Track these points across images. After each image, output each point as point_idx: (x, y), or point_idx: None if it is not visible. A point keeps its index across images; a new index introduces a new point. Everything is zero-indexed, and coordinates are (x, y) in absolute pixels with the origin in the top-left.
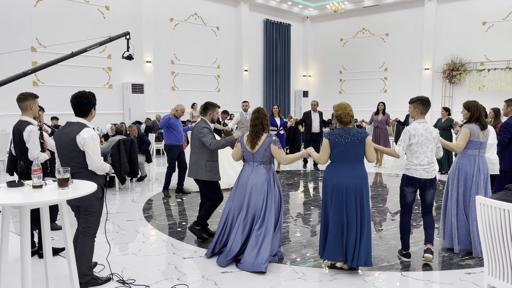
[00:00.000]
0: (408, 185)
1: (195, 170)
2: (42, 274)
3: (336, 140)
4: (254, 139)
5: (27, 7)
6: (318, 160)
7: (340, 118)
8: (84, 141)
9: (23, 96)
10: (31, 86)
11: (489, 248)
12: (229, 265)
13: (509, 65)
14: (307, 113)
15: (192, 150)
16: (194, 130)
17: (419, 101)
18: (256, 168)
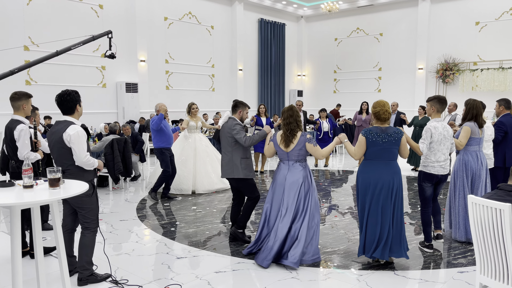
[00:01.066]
0: (426, 180)
1: (230, 170)
2: (34, 275)
3: (373, 139)
4: (289, 137)
5: (19, 5)
6: (352, 155)
7: (378, 115)
8: (70, 137)
9: (17, 95)
10: (24, 85)
11: (481, 247)
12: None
13: (502, 65)
14: None
15: (224, 149)
16: (224, 129)
17: (436, 99)
18: (292, 167)
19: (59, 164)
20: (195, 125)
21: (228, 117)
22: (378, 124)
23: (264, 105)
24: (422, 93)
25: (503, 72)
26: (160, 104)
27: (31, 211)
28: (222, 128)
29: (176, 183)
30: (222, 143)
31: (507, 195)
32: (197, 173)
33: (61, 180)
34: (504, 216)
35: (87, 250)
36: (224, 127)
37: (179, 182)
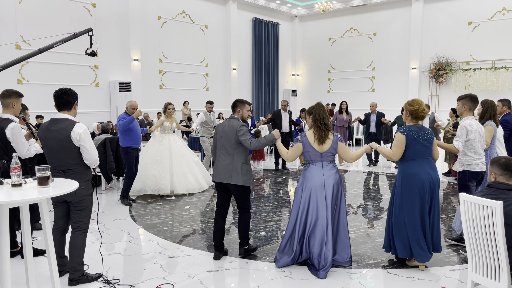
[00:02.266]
0: (472, 179)
1: (227, 174)
2: (24, 275)
3: (415, 137)
4: (324, 139)
5: (11, 3)
6: (391, 156)
7: (416, 113)
8: (80, 136)
9: (7, 93)
10: (15, 84)
11: (472, 245)
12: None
13: (494, 64)
14: (277, 112)
15: (223, 151)
16: (225, 128)
17: (468, 97)
18: (326, 168)
19: (61, 164)
20: (169, 126)
21: (230, 116)
22: (413, 122)
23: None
24: (415, 92)
25: (495, 72)
26: (131, 103)
27: (20, 210)
28: (222, 127)
29: (153, 183)
30: (220, 144)
31: (501, 194)
32: (174, 173)
33: (50, 178)
34: (495, 214)
35: (78, 251)
36: (225, 127)
37: (156, 182)
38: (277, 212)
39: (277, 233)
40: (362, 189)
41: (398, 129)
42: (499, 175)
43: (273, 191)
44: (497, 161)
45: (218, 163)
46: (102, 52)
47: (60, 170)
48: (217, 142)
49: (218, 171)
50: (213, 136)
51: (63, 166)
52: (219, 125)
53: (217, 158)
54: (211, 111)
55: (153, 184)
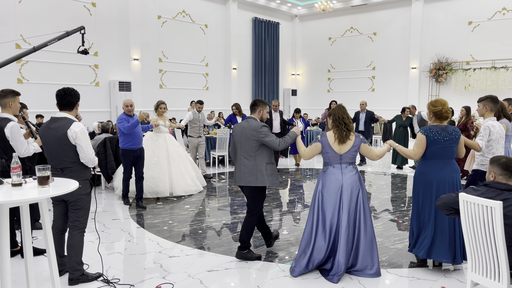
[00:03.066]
0: (483, 179)
1: (253, 177)
2: (24, 274)
3: (435, 137)
4: (345, 139)
5: (11, 3)
6: (412, 156)
7: (440, 114)
8: (76, 134)
9: (3, 93)
10: (15, 83)
11: (472, 245)
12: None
13: (494, 64)
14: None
15: (244, 153)
16: (244, 130)
17: (489, 99)
18: (346, 170)
19: (59, 162)
20: (163, 124)
21: (247, 117)
22: (437, 123)
23: (237, 105)
24: (415, 92)
25: (495, 72)
26: (124, 101)
27: (20, 210)
28: (240, 129)
29: (151, 186)
30: (240, 147)
31: (500, 194)
32: (172, 175)
33: (51, 178)
34: (495, 214)
35: (76, 250)
36: (244, 128)
37: (154, 185)
38: (277, 211)
39: (277, 232)
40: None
41: (420, 129)
42: (499, 174)
43: (273, 190)
44: (497, 161)
45: (240, 167)
46: (102, 52)
47: (58, 168)
48: (236, 144)
49: (242, 175)
50: (231, 137)
51: (61, 164)
52: (236, 126)
53: (238, 161)
54: (200, 111)
55: (151, 187)
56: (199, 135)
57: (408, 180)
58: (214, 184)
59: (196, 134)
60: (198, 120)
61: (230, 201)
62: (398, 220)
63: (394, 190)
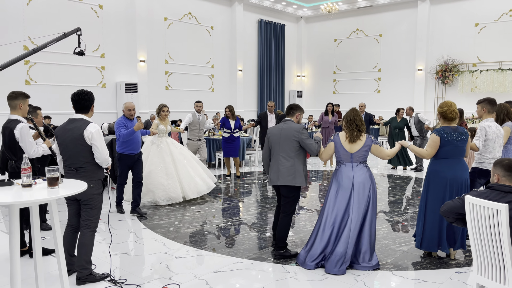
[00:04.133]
0: (481, 176)
1: (291, 176)
2: (33, 274)
3: (449, 138)
4: (355, 139)
5: (19, 5)
6: (424, 155)
7: (445, 115)
8: (92, 135)
9: (14, 94)
10: (23, 85)
11: (478, 248)
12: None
13: (501, 66)
14: (263, 114)
15: (283, 154)
16: (284, 132)
17: (487, 101)
18: (356, 168)
19: (74, 161)
20: (164, 129)
21: (284, 119)
22: (446, 124)
23: (230, 107)
24: (421, 94)
25: (502, 74)
26: (126, 104)
27: (30, 210)
28: (278, 130)
29: (163, 193)
30: (278, 147)
31: (504, 196)
32: (182, 179)
33: (60, 179)
34: (500, 217)
35: (86, 249)
36: (283, 130)
37: (166, 192)
38: None
39: None
40: None
41: (434, 131)
42: (502, 176)
43: None
44: (500, 162)
45: (279, 166)
46: (109, 53)
47: (73, 167)
48: (273, 145)
49: (281, 175)
50: (267, 139)
51: (76, 164)
52: (274, 129)
53: (275, 162)
54: (200, 110)
55: (163, 195)
56: (198, 138)
57: (414, 182)
58: (220, 186)
59: (195, 137)
60: (198, 123)
61: (236, 202)
62: (403, 222)
63: (400, 192)
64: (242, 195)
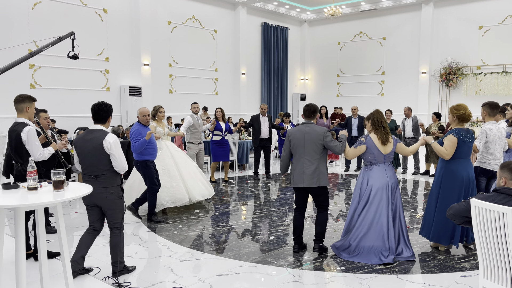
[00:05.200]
0: (482, 174)
1: (315, 178)
2: (38, 277)
3: (465, 139)
4: (386, 139)
5: (24, 10)
6: (444, 155)
7: (463, 117)
8: (110, 145)
9: (21, 98)
10: (28, 88)
11: (484, 251)
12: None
13: (506, 69)
14: (256, 116)
15: (308, 157)
16: (308, 135)
17: (487, 105)
18: (388, 168)
19: (94, 170)
20: (162, 131)
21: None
22: (460, 126)
23: (222, 109)
24: (425, 97)
25: (506, 76)
26: (141, 110)
27: (35, 213)
28: (301, 133)
29: (168, 195)
30: (302, 149)
31: (511, 199)
32: (186, 181)
33: (65, 182)
34: (507, 220)
35: (120, 246)
36: (307, 133)
37: (171, 194)
38: (286, 216)
39: (286, 237)
40: None
41: (450, 132)
42: (510, 179)
43: (282, 195)
44: (508, 166)
45: (303, 169)
46: (113, 57)
47: (92, 175)
48: (297, 148)
49: (306, 177)
50: (288, 141)
51: (95, 171)
52: (296, 132)
53: (299, 164)
54: (197, 111)
55: (168, 197)
56: (200, 141)
57: (419, 185)
58: (224, 189)
59: (197, 140)
60: (198, 124)
61: (240, 205)
62: (409, 226)
63: (404, 195)
64: (246, 198)
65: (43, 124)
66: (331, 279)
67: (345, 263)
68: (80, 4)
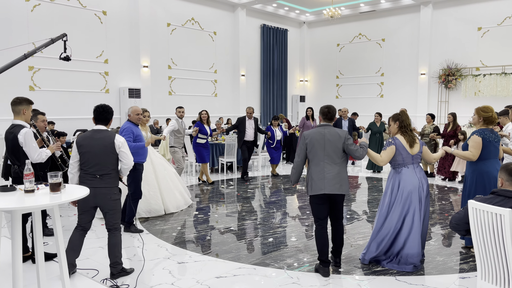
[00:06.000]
0: None
1: (337, 184)
2: (35, 279)
3: (490, 139)
4: (413, 141)
5: (24, 12)
6: (471, 157)
7: (490, 119)
8: (122, 144)
9: (18, 100)
10: (27, 90)
11: (481, 253)
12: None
13: (505, 70)
14: (241, 119)
15: (328, 160)
16: (328, 137)
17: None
18: (417, 169)
19: (100, 168)
20: (145, 135)
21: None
22: (485, 127)
23: (207, 112)
24: (424, 98)
25: (505, 78)
26: (133, 108)
27: (32, 216)
28: (321, 135)
29: (144, 204)
30: (323, 153)
31: (508, 201)
32: (163, 191)
33: (62, 185)
34: (504, 221)
35: (118, 247)
36: (327, 135)
37: (147, 203)
38: (285, 218)
39: (284, 239)
40: (370, 195)
41: (474, 132)
42: (506, 180)
43: (280, 197)
44: (506, 167)
45: (324, 174)
46: (112, 59)
47: (98, 174)
48: (316, 151)
49: (327, 182)
50: (304, 144)
51: (102, 170)
52: (315, 134)
53: (319, 168)
54: (182, 116)
55: (144, 206)
56: (182, 145)
57: None
58: (223, 190)
59: (180, 144)
60: (182, 129)
61: (238, 207)
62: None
63: None
64: (245, 200)
65: (39, 127)
66: (329, 281)
67: (343, 265)
68: (79, 6)
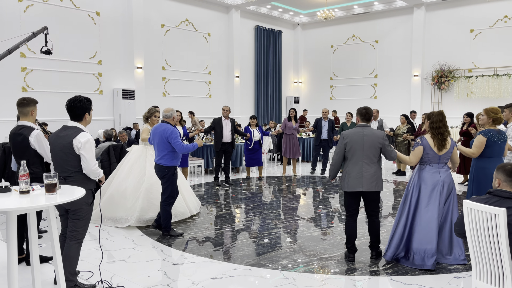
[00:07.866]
0: None
1: (374, 182)
2: (30, 281)
3: (495, 139)
4: (441, 146)
5: (16, 12)
6: (471, 155)
7: (499, 119)
8: (82, 144)
9: (26, 101)
10: (20, 91)
11: (476, 252)
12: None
13: (497, 72)
14: (217, 119)
15: (367, 160)
16: (367, 138)
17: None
18: (442, 169)
19: (62, 170)
20: None
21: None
22: (493, 127)
23: (181, 112)
24: (417, 99)
25: (497, 79)
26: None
27: (27, 217)
28: (359, 136)
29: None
30: (362, 153)
31: (504, 202)
32: (184, 192)
33: (58, 185)
34: (499, 221)
35: (71, 261)
36: (365, 135)
37: (174, 207)
38: (280, 219)
39: (280, 240)
40: None
41: (480, 132)
42: (503, 181)
43: (276, 198)
44: (503, 167)
45: (362, 173)
46: (106, 60)
47: (61, 176)
48: (355, 151)
49: (364, 180)
50: (343, 144)
51: (64, 172)
52: (354, 135)
53: (357, 167)
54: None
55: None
56: None
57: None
58: (218, 192)
59: None
60: None
61: (233, 208)
62: None
63: (398, 198)
64: (240, 201)
65: None
66: (325, 281)
67: (338, 266)
68: (73, 7)
